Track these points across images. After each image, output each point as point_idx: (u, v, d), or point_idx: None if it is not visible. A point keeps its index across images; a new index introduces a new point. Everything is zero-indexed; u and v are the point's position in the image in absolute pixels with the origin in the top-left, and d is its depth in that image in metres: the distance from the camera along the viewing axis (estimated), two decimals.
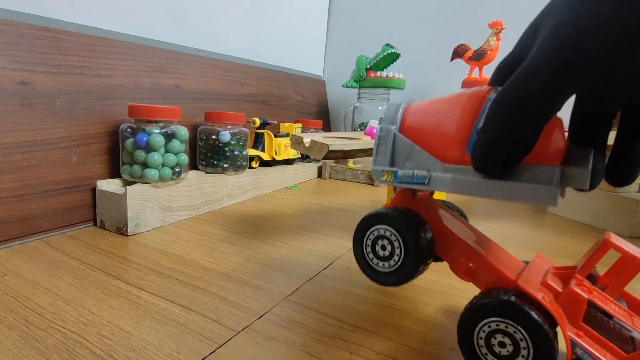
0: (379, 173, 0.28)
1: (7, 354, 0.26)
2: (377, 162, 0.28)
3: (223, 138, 0.64)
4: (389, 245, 0.27)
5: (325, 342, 0.29)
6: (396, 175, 0.27)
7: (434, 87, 1.08)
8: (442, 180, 0.24)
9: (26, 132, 0.46)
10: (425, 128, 0.26)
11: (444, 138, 0.25)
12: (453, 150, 0.24)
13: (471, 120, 0.23)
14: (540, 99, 0.19)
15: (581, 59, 0.18)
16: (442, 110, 0.25)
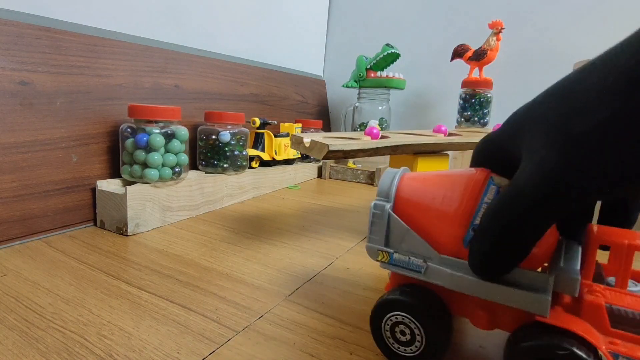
0: (374, 252, 0.27)
1: (7, 354, 0.26)
2: (372, 239, 0.27)
3: (223, 138, 0.64)
4: (407, 330, 0.26)
5: (325, 342, 0.29)
6: (392, 258, 0.26)
7: (434, 87, 1.08)
8: (439, 273, 0.24)
9: (26, 132, 0.46)
10: (420, 212, 0.26)
11: (439, 228, 0.25)
12: (449, 241, 0.24)
13: (467, 215, 0.23)
14: (530, 222, 0.20)
15: (568, 194, 0.19)
16: (438, 197, 0.25)
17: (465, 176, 0.25)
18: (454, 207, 0.24)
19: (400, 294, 0.26)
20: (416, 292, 0.25)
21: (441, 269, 0.24)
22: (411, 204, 0.26)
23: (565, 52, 0.89)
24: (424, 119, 1.10)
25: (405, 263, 0.26)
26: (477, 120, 0.86)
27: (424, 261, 0.25)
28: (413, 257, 0.25)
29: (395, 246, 0.26)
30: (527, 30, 0.93)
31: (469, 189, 0.24)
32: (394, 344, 0.26)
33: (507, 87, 0.95)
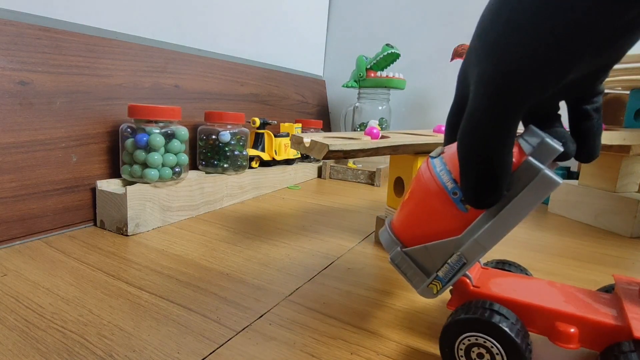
0: (427, 291, 0.27)
1: (7, 354, 0.26)
2: (416, 284, 0.27)
3: (223, 138, 0.64)
4: (486, 353, 0.24)
5: (326, 342, 0.29)
6: (440, 279, 0.26)
7: (434, 87, 1.08)
8: (472, 248, 0.24)
9: (26, 132, 0.46)
10: (417, 229, 0.27)
11: (437, 222, 0.26)
12: (454, 223, 0.25)
13: (441, 193, 0.25)
14: (493, 132, 0.21)
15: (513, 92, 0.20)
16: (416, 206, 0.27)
17: (416, 177, 0.27)
18: (429, 196, 0.26)
19: (476, 313, 0.24)
20: (493, 310, 0.24)
21: (471, 244, 0.24)
22: (408, 230, 0.28)
23: None
24: (424, 119, 1.10)
25: (450, 271, 0.26)
26: None
27: (456, 253, 0.25)
28: (449, 259, 0.25)
29: (432, 269, 0.26)
30: None
31: (423, 180, 0.26)
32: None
33: None
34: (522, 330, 0.24)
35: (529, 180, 0.22)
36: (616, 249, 0.54)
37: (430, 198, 0.26)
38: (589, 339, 0.24)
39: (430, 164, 0.26)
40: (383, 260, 0.46)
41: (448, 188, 0.25)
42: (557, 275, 0.44)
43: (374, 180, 0.91)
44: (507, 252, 0.50)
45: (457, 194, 0.24)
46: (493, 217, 0.23)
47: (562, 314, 0.24)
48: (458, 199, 0.24)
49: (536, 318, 0.25)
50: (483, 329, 0.24)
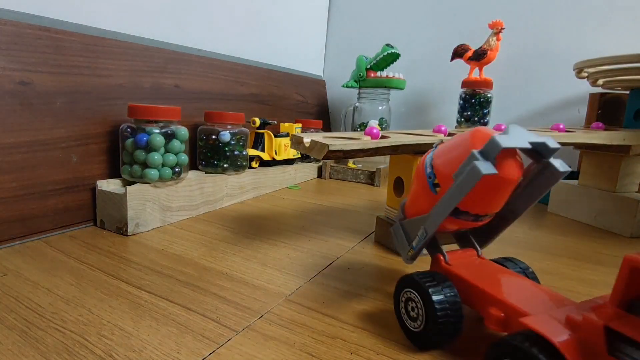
0: (405, 255, 0.33)
1: (7, 354, 0.26)
2: (402, 251, 0.34)
3: (223, 138, 0.64)
4: (416, 308, 0.29)
5: (326, 342, 0.29)
6: (413, 247, 0.32)
7: (434, 87, 1.08)
8: (429, 222, 0.29)
9: (26, 132, 0.46)
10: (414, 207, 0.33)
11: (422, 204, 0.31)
12: (429, 203, 0.30)
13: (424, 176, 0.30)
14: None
15: None
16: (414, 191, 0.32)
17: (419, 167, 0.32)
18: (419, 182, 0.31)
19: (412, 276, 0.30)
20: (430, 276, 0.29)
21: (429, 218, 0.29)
22: (409, 207, 0.34)
23: (565, 52, 0.89)
24: (424, 119, 1.10)
25: (419, 241, 0.31)
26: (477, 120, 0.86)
27: (422, 227, 0.30)
28: (419, 232, 0.31)
29: (413, 239, 0.32)
30: (527, 30, 0.93)
31: (419, 165, 0.31)
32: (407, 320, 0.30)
33: (507, 87, 0.95)
34: (446, 294, 0.27)
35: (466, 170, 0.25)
36: (616, 249, 0.54)
37: (419, 181, 0.31)
38: (511, 324, 0.26)
39: (428, 152, 0.31)
40: (383, 260, 0.46)
41: (427, 172, 0.29)
42: (557, 274, 0.44)
43: (374, 180, 0.91)
44: (506, 251, 0.50)
45: (431, 177, 0.29)
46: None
47: (496, 300, 0.27)
48: (431, 182, 0.29)
49: (476, 299, 0.28)
50: (414, 287, 0.29)
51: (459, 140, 0.28)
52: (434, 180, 0.29)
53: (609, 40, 0.85)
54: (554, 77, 0.91)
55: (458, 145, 0.28)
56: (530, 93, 0.94)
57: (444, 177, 0.28)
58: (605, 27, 0.85)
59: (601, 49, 0.85)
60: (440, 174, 0.28)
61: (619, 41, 0.84)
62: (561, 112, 0.91)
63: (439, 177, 0.29)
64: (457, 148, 0.28)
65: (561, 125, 0.58)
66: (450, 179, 0.27)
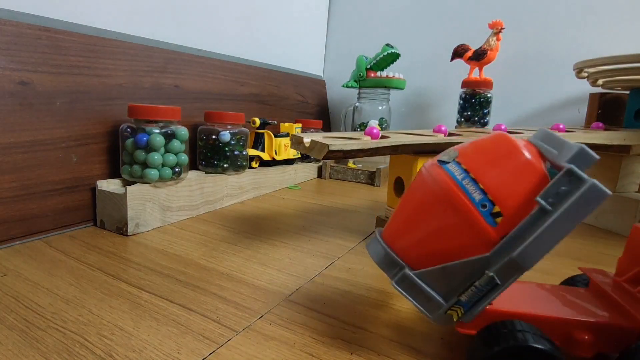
0: (445, 318, 0.24)
1: (7, 354, 0.26)
2: (430, 310, 0.24)
3: (223, 138, 0.64)
4: None
5: (326, 342, 0.29)
6: (463, 303, 0.23)
7: (434, 87, 1.08)
8: (509, 267, 0.22)
9: (26, 132, 0.46)
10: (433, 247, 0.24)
11: (460, 242, 0.23)
12: (479, 239, 0.23)
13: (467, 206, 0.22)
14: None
15: None
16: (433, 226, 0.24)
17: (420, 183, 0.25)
18: (447, 212, 0.23)
19: (510, 339, 0.22)
20: (520, 331, 0.22)
21: (505, 260, 0.22)
22: (415, 247, 0.25)
23: (565, 53, 0.89)
24: (424, 119, 1.10)
25: (477, 294, 0.23)
26: (477, 120, 0.86)
27: (489, 274, 0.22)
28: (477, 281, 0.23)
29: (451, 292, 0.24)
30: (527, 30, 0.93)
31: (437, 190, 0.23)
32: None
33: (507, 87, 0.95)
34: (557, 348, 0.22)
35: (574, 191, 0.20)
36: (616, 248, 0.54)
37: (449, 210, 0.23)
38: (604, 344, 0.24)
39: (445, 170, 0.23)
40: None
41: (475, 200, 0.22)
42: (556, 274, 0.44)
43: (374, 180, 0.91)
44: None
45: (485, 206, 0.22)
46: (533, 232, 0.21)
47: (577, 322, 0.24)
48: (487, 212, 0.22)
49: (555, 330, 0.24)
50: (522, 356, 0.21)
51: (498, 152, 0.23)
52: (493, 208, 0.22)
53: (609, 40, 0.85)
54: (554, 77, 0.90)
55: (503, 158, 0.23)
56: (530, 93, 0.94)
57: (510, 203, 0.22)
58: (605, 27, 0.85)
59: (601, 49, 0.84)
60: (505, 200, 0.22)
61: (619, 41, 0.84)
62: (561, 112, 0.91)
63: (500, 203, 0.22)
64: (506, 162, 0.23)
65: (561, 125, 0.58)
66: (523, 204, 0.22)
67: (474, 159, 0.23)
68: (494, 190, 0.22)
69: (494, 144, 0.24)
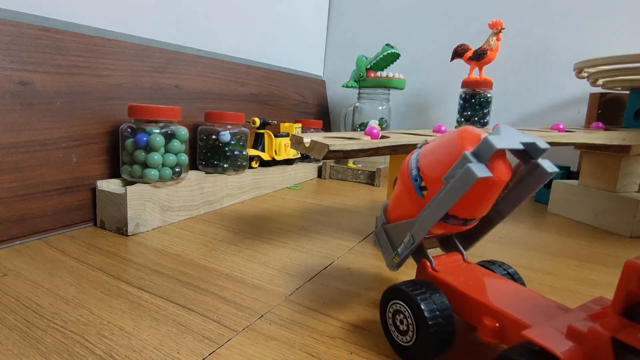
0: (391, 263, 0.31)
1: (7, 354, 0.26)
2: (386, 257, 0.32)
3: (223, 138, 0.64)
4: (405, 320, 0.27)
5: (325, 342, 0.29)
6: (398, 253, 0.30)
7: (434, 87, 1.08)
8: (417, 228, 0.28)
9: (26, 132, 0.46)
10: (397, 211, 0.31)
11: (407, 208, 0.29)
12: (415, 207, 0.28)
13: (409, 179, 0.28)
14: None
15: None
16: (397, 195, 0.31)
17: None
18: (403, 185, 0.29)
19: (408, 285, 0.28)
20: (419, 286, 0.28)
21: (416, 223, 0.28)
22: (392, 211, 0.32)
23: (565, 52, 0.89)
24: (424, 119, 1.10)
25: (405, 248, 0.29)
26: (477, 120, 0.86)
27: (409, 233, 0.29)
28: (405, 238, 0.29)
29: (398, 244, 0.31)
30: (527, 30, 0.93)
31: (403, 167, 0.30)
32: (395, 333, 0.28)
33: (507, 87, 0.95)
34: (437, 305, 0.26)
35: (459, 172, 0.24)
36: (616, 249, 0.54)
37: (403, 184, 0.29)
38: (506, 335, 0.25)
39: (412, 153, 0.30)
40: (382, 260, 0.46)
41: (412, 175, 0.28)
42: (556, 274, 0.44)
43: (374, 180, 0.91)
44: (505, 251, 0.50)
45: (417, 180, 0.28)
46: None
47: (491, 309, 0.25)
48: (417, 185, 0.28)
49: (467, 308, 0.27)
50: (402, 299, 0.27)
51: (446, 141, 0.27)
52: (421, 183, 0.27)
53: (609, 40, 0.85)
54: (554, 77, 0.91)
55: (445, 145, 0.27)
56: (530, 93, 0.94)
57: (431, 180, 0.27)
58: (605, 27, 0.85)
59: (601, 49, 0.85)
60: (428, 176, 0.27)
61: (619, 41, 0.84)
62: (561, 112, 0.91)
63: (426, 180, 0.27)
64: (445, 149, 0.26)
65: (561, 125, 0.58)
66: (439, 182, 0.26)
67: (429, 145, 0.29)
68: (424, 168, 0.27)
69: (450, 133, 0.27)
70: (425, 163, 0.27)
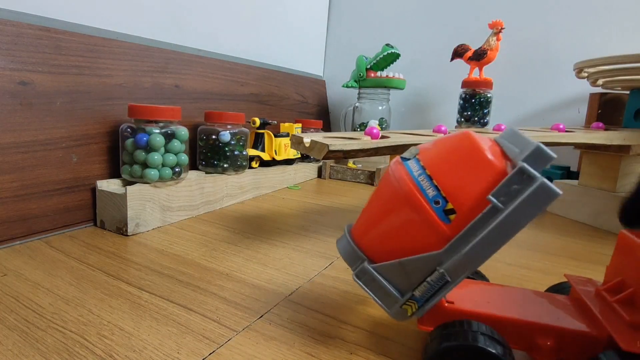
0: (400, 313, 0.24)
1: (7, 354, 0.26)
2: (387, 305, 0.24)
3: (223, 138, 0.64)
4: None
5: (325, 342, 0.29)
6: (417, 299, 0.24)
7: (434, 87, 1.08)
8: (458, 264, 0.22)
9: (26, 132, 0.46)
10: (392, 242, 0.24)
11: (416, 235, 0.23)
12: (435, 235, 0.22)
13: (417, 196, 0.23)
14: None
15: None
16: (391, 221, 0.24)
17: (384, 180, 0.24)
18: (403, 205, 0.23)
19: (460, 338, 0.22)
20: (474, 332, 0.22)
21: (455, 257, 0.22)
22: (376, 242, 0.25)
23: (565, 53, 0.89)
24: (424, 119, 1.10)
25: (430, 290, 0.23)
26: (477, 120, 0.86)
27: (437, 269, 0.22)
28: (429, 277, 0.23)
29: (407, 287, 0.24)
30: (527, 30, 0.93)
31: (396, 185, 0.23)
32: None
33: (507, 87, 0.95)
34: (509, 353, 0.22)
35: (525, 189, 0.20)
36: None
37: (405, 206, 0.23)
38: (568, 351, 0.23)
39: (404, 167, 0.24)
40: None
41: (429, 196, 0.22)
42: (555, 274, 0.44)
43: (374, 180, 0.91)
44: (504, 251, 0.50)
45: (439, 202, 0.22)
46: (483, 230, 0.21)
47: (542, 327, 0.23)
48: (440, 209, 0.22)
49: (515, 333, 0.24)
50: (471, 356, 0.21)
51: (458, 149, 0.23)
52: (446, 205, 0.22)
53: (609, 40, 0.85)
54: (554, 77, 0.91)
55: (461, 155, 0.22)
56: (530, 93, 0.94)
57: (466, 201, 0.21)
58: (605, 27, 0.85)
59: (601, 49, 0.85)
60: (459, 196, 0.22)
61: (619, 41, 0.84)
62: (561, 112, 0.91)
63: (456, 201, 0.22)
64: (463, 159, 0.22)
65: (561, 125, 0.58)
66: (478, 202, 0.21)
67: (433, 156, 0.23)
68: (448, 187, 0.22)
69: (455, 141, 0.23)
70: (447, 180, 0.22)
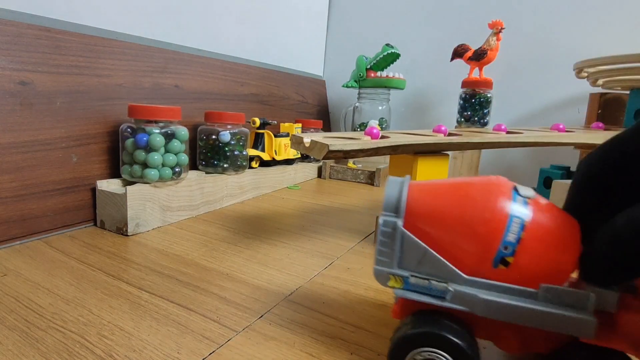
0: (384, 276, 0.24)
1: (7, 354, 0.26)
2: (380, 262, 0.24)
3: (223, 138, 0.64)
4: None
5: (326, 342, 0.29)
6: (407, 282, 0.23)
7: (434, 87, 1.08)
8: (468, 297, 0.22)
9: (26, 132, 0.46)
10: (437, 229, 0.23)
11: (462, 246, 0.22)
12: (475, 261, 0.22)
13: (497, 232, 0.21)
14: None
15: None
16: (458, 211, 0.22)
17: (484, 187, 0.23)
18: (479, 223, 0.22)
19: (427, 326, 0.22)
20: (444, 322, 0.22)
21: (470, 292, 0.22)
22: (425, 219, 0.23)
23: (565, 53, 0.89)
24: (424, 119, 1.10)
25: (424, 288, 0.23)
26: (477, 120, 0.86)
27: (446, 284, 0.22)
28: (434, 280, 0.22)
29: (411, 269, 0.23)
30: (527, 30, 0.93)
31: (494, 203, 0.22)
32: None
33: (507, 87, 0.95)
34: (472, 341, 0.22)
35: (574, 305, 0.21)
36: None
37: (475, 225, 0.22)
38: (533, 344, 0.23)
39: (512, 197, 0.22)
40: None
41: (507, 239, 0.21)
42: None
43: (374, 180, 0.91)
44: None
45: (507, 248, 0.21)
46: (511, 300, 0.21)
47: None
48: (501, 254, 0.21)
49: (483, 326, 0.24)
50: (434, 343, 0.22)
51: (561, 229, 0.22)
52: (510, 257, 0.21)
53: (609, 40, 0.85)
54: (554, 77, 0.90)
55: (556, 234, 0.22)
56: (530, 93, 0.94)
57: (524, 266, 0.21)
58: (605, 27, 0.85)
59: (601, 49, 0.84)
60: (527, 261, 0.21)
61: (619, 41, 0.84)
62: (561, 112, 0.91)
63: (519, 262, 0.21)
64: (554, 238, 0.22)
65: (561, 125, 0.58)
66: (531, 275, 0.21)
67: (540, 215, 0.22)
68: (527, 249, 0.21)
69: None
70: (533, 246, 0.21)
